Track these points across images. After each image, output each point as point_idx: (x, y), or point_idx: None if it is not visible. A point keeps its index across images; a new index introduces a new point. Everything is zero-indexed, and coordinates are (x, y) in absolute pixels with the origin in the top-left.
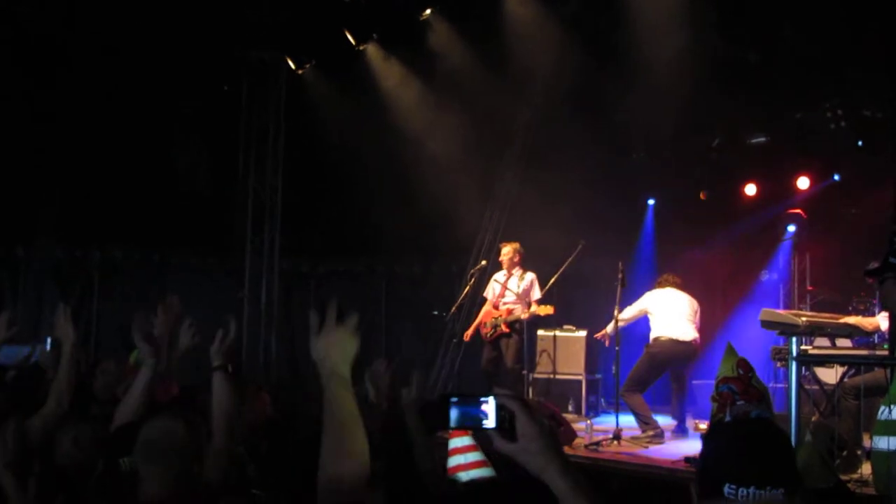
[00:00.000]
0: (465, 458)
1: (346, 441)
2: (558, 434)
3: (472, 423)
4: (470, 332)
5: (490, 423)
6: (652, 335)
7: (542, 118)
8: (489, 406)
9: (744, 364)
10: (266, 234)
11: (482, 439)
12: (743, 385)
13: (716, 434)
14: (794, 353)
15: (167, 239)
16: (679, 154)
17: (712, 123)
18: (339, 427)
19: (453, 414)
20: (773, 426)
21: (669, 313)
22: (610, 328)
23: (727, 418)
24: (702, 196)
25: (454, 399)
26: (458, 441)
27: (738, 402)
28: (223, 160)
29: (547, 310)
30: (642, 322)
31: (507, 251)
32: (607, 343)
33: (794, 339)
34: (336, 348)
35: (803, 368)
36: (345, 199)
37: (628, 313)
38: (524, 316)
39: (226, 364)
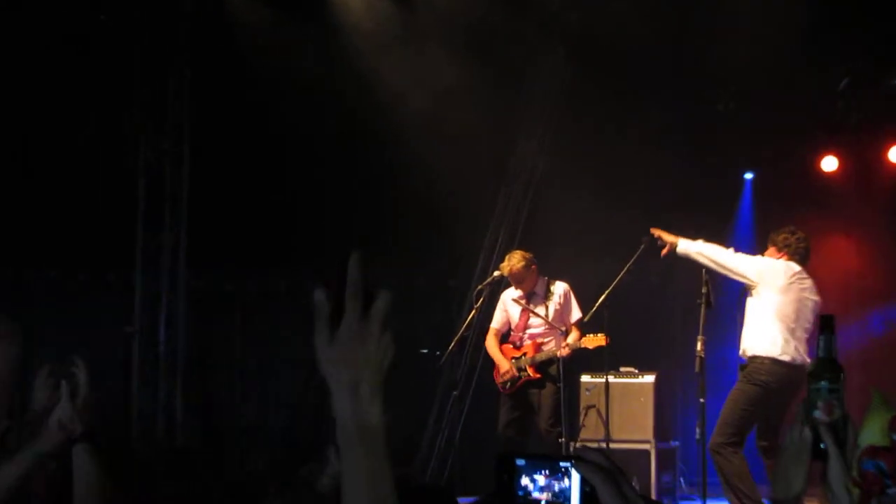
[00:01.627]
0: None
1: None
2: None
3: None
4: (507, 365)
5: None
6: (756, 349)
7: (578, 52)
8: (572, 478)
9: None
10: (166, 233)
11: None
12: None
13: None
14: None
15: (19, 248)
16: (789, 103)
17: (837, 56)
18: None
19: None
20: None
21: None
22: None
23: None
24: (826, 165)
25: (521, 462)
26: None
27: (890, 491)
28: (103, 126)
29: (597, 340)
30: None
31: (510, 266)
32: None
33: None
34: (362, 357)
35: None
36: (287, 181)
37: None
38: (562, 352)
39: (89, 432)
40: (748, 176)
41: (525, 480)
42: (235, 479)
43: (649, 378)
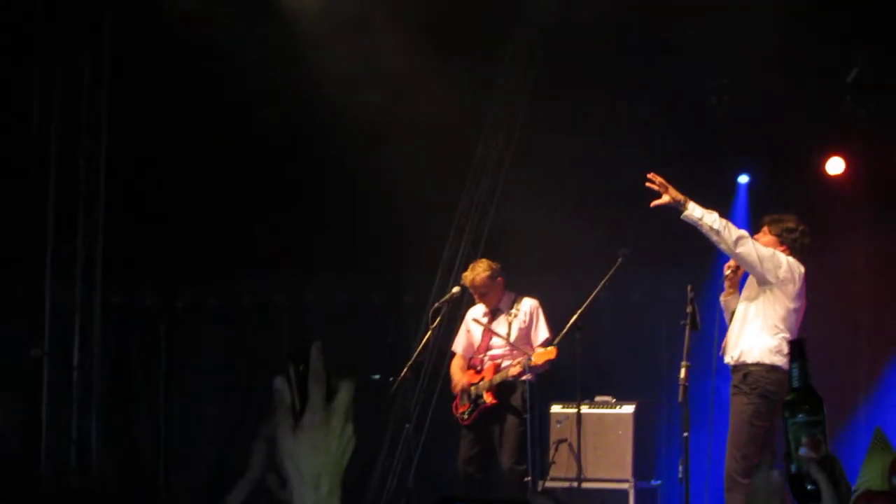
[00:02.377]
0: None
1: None
2: None
3: None
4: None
5: None
6: (756, 355)
7: (551, 39)
8: None
9: None
10: (80, 241)
11: None
12: None
13: None
14: None
15: None
16: (789, 96)
17: (845, 44)
18: None
19: None
20: None
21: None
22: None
23: None
24: (832, 167)
25: None
26: None
27: None
28: (6, 118)
29: (546, 355)
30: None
31: (473, 276)
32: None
33: None
34: (324, 450)
35: None
36: (220, 186)
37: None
38: (512, 371)
39: None
40: (743, 179)
41: None
42: None
43: (628, 408)
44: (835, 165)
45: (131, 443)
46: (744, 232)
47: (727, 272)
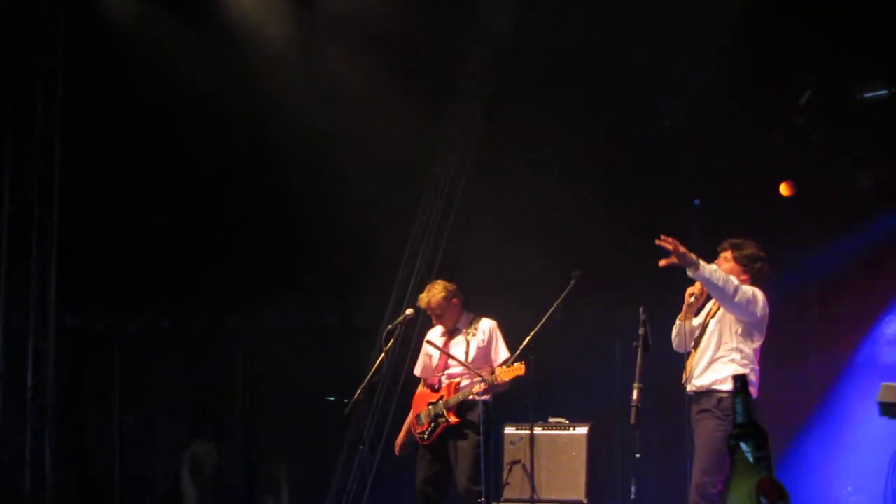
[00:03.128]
0: None
1: None
2: None
3: None
4: (401, 439)
5: None
6: (731, 385)
7: (506, 61)
8: None
9: (769, 488)
10: (34, 264)
11: None
12: None
13: None
14: None
15: None
16: (742, 120)
17: (798, 67)
18: None
19: None
20: None
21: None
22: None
23: None
24: (784, 190)
25: None
26: None
27: None
28: None
29: (514, 371)
30: None
31: (429, 298)
32: None
33: None
34: None
35: None
36: (174, 207)
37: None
38: (476, 389)
39: None
40: (697, 202)
41: None
42: None
43: (581, 430)
44: (788, 188)
45: (86, 465)
46: (736, 281)
47: (690, 299)
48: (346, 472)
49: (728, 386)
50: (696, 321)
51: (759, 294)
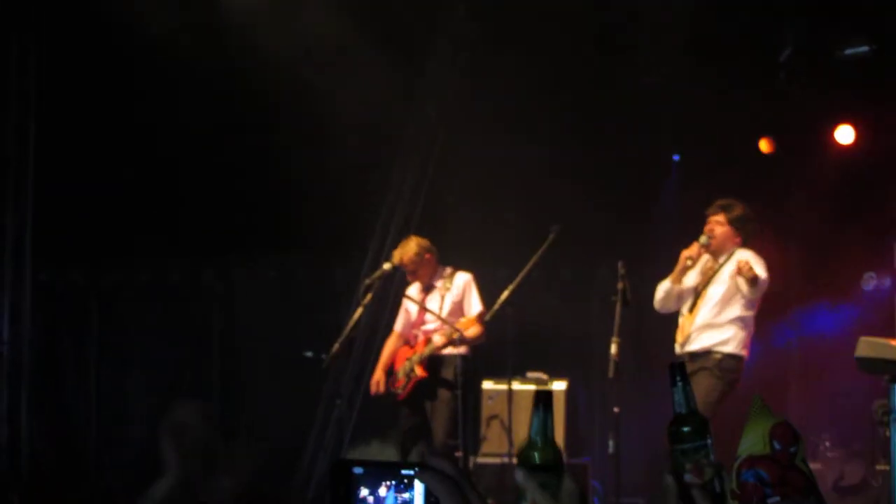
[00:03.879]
0: None
1: None
2: None
3: None
4: (378, 376)
5: None
6: (731, 347)
7: (483, 19)
8: (415, 488)
9: (783, 432)
10: (9, 218)
11: None
12: (779, 469)
13: None
14: None
15: None
16: (721, 77)
17: (778, 24)
18: None
19: (359, 499)
20: None
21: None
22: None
23: None
24: (763, 146)
25: (358, 470)
26: None
27: (771, 500)
28: None
29: (468, 323)
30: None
31: (402, 254)
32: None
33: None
34: None
35: None
36: (151, 160)
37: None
38: (440, 342)
39: None
40: (676, 157)
41: (364, 492)
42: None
43: (560, 385)
44: (768, 144)
45: (62, 420)
46: (763, 275)
47: (687, 262)
48: (323, 428)
49: (730, 348)
50: (687, 284)
51: (763, 268)
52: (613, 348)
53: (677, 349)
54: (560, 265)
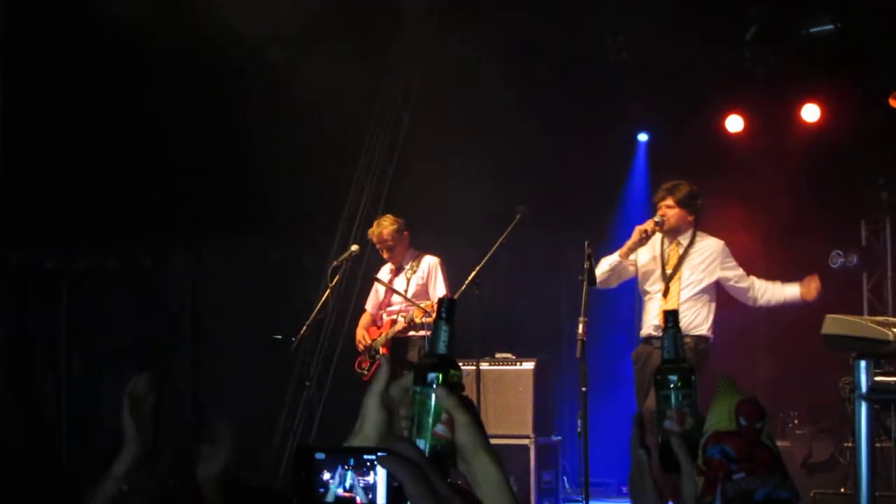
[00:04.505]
0: None
1: None
2: None
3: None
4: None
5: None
6: (702, 328)
7: None
8: (378, 473)
9: (749, 409)
10: None
11: None
12: (745, 445)
13: None
14: (864, 388)
15: None
16: (687, 56)
17: (744, 1)
18: None
19: (321, 483)
20: None
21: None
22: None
23: None
24: (726, 124)
25: (320, 455)
26: None
27: (737, 476)
28: None
29: (425, 308)
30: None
31: (380, 230)
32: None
33: (862, 365)
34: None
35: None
36: (120, 141)
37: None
38: (396, 327)
39: None
40: (643, 137)
41: (326, 476)
42: (55, 480)
43: (528, 365)
44: (734, 123)
45: (34, 406)
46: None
47: (640, 236)
48: (292, 410)
49: (702, 330)
50: (642, 260)
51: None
52: (580, 328)
53: (652, 332)
54: (528, 246)
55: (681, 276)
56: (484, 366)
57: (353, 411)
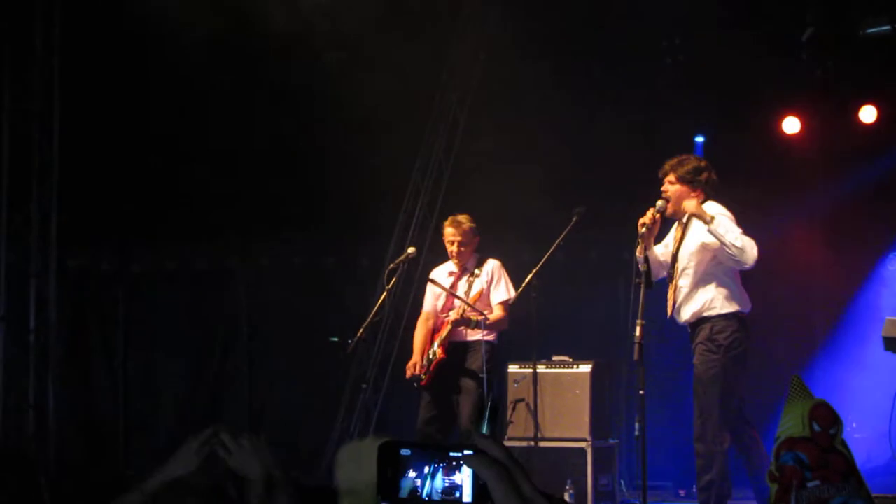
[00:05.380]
0: None
1: None
2: None
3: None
4: (416, 359)
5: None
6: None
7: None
8: (464, 471)
9: (823, 414)
10: (34, 204)
11: None
12: (819, 451)
13: None
14: None
15: None
16: (745, 56)
17: (800, 3)
18: None
19: (407, 481)
20: None
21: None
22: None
23: None
24: (783, 126)
25: (407, 452)
26: None
27: (811, 484)
28: None
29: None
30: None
31: (455, 231)
32: None
33: None
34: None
35: None
36: (176, 147)
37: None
38: (448, 319)
39: None
40: (699, 139)
41: (412, 473)
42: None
43: (585, 368)
44: (791, 125)
45: (90, 408)
46: (736, 231)
47: (642, 230)
48: (349, 413)
49: (715, 311)
50: (660, 250)
51: (754, 248)
52: (638, 331)
53: (676, 319)
54: (585, 248)
55: (679, 261)
56: (541, 368)
57: (410, 415)
